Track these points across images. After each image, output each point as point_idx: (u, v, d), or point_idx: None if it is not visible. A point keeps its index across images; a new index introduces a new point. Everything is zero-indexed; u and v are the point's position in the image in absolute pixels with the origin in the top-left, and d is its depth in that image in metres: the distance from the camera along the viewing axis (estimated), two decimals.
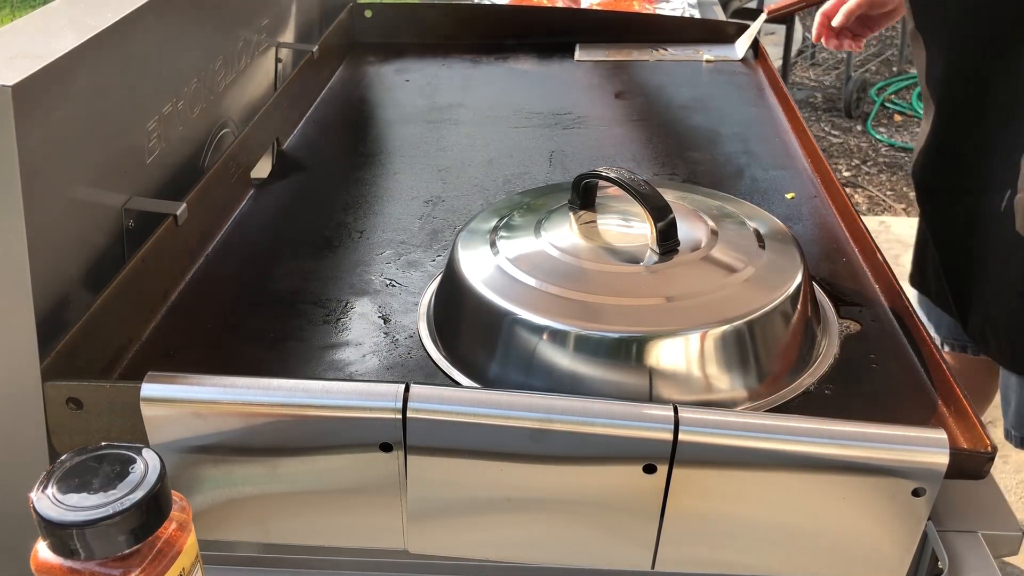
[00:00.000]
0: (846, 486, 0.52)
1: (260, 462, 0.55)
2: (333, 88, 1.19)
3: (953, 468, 0.51)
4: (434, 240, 0.81)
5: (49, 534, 0.42)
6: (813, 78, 3.85)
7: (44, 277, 0.57)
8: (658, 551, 0.55)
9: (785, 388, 0.61)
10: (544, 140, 1.03)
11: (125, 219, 0.69)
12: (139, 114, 0.71)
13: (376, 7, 1.34)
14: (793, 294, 0.62)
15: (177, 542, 0.45)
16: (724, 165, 0.95)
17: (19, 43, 0.59)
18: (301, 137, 1.04)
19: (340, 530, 0.58)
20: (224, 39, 0.89)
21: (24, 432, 0.57)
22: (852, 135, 3.32)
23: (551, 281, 0.61)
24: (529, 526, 0.56)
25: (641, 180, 0.65)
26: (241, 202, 0.87)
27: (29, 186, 0.54)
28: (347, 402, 0.53)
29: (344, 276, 0.76)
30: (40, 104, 0.55)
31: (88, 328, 0.60)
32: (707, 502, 0.53)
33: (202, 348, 0.67)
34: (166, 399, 0.54)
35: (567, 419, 0.52)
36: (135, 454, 0.45)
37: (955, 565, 0.53)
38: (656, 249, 0.64)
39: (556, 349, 0.58)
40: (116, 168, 0.68)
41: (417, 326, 0.68)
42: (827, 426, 0.52)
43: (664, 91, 1.18)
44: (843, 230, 0.82)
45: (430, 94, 1.17)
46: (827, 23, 1.15)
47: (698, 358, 0.58)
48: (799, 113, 1.03)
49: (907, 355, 0.65)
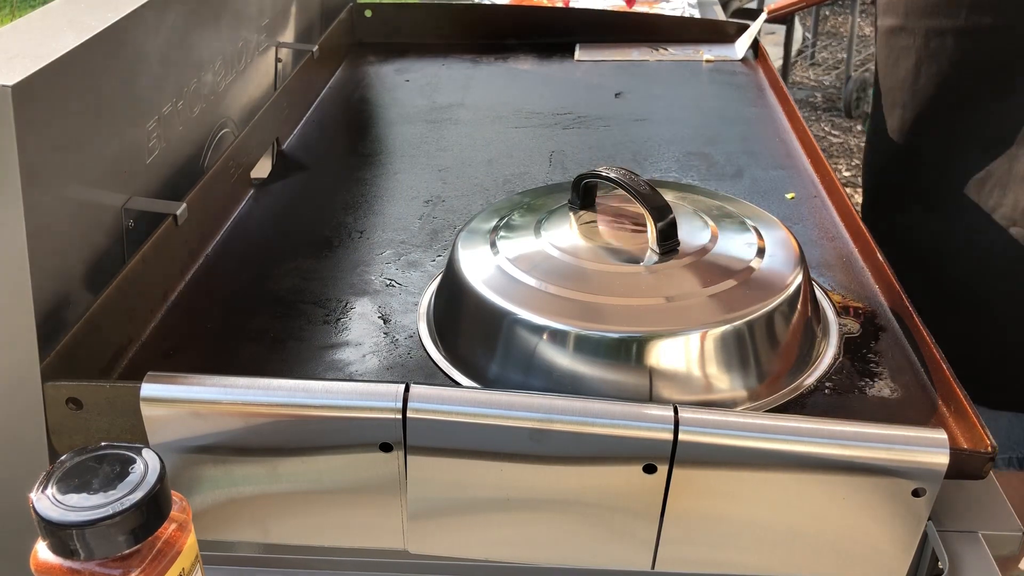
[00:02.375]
0: (846, 486, 0.52)
1: (260, 462, 0.55)
2: (333, 88, 1.19)
3: (953, 468, 0.51)
4: (434, 240, 0.81)
5: (49, 534, 0.42)
6: (813, 78, 3.85)
7: (44, 277, 0.57)
8: (658, 551, 0.55)
9: (785, 388, 0.61)
10: (544, 140, 1.03)
11: (125, 219, 0.69)
12: (139, 114, 0.71)
13: (376, 7, 1.34)
14: (793, 294, 0.62)
15: (177, 542, 0.45)
16: (724, 165, 0.95)
17: (19, 43, 0.59)
18: (301, 137, 1.04)
19: (340, 530, 0.58)
20: (224, 39, 0.89)
21: (24, 432, 0.57)
22: (852, 135, 3.32)
23: (551, 281, 0.61)
24: (529, 526, 0.56)
25: (641, 180, 0.65)
26: (241, 202, 0.87)
27: (29, 186, 0.54)
28: (347, 402, 0.53)
29: (344, 276, 0.76)
30: (40, 104, 0.55)
31: (88, 328, 0.60)
32: (707, 502, 0.54)
33: (202, 348, 0.67)
34: (166, 399, 0.54)
35: (567, 419, 0.52)
36: (135, 454, 0.45)
37: (955, 565, 0.53)
38: (656, 249, 0.64)
39: (556, 349, 0.58)
40: (116, 168, 0.68)
41: (417, 326, 0.68)
42: (827, 426, 0.52)
43: (664, 91, 1.17)
44: (843, 230, 0.82)
45: (430, 94, 1.17)
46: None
47: (698, 358, 0.58)
48: (799, 113, 1.03)
49: (907, 355, 0.65)
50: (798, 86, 3.72)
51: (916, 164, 0.97)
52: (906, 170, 0.99)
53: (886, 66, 0.97)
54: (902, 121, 0.96)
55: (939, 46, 0.89)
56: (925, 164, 0.96)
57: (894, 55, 0.95)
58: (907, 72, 0.93)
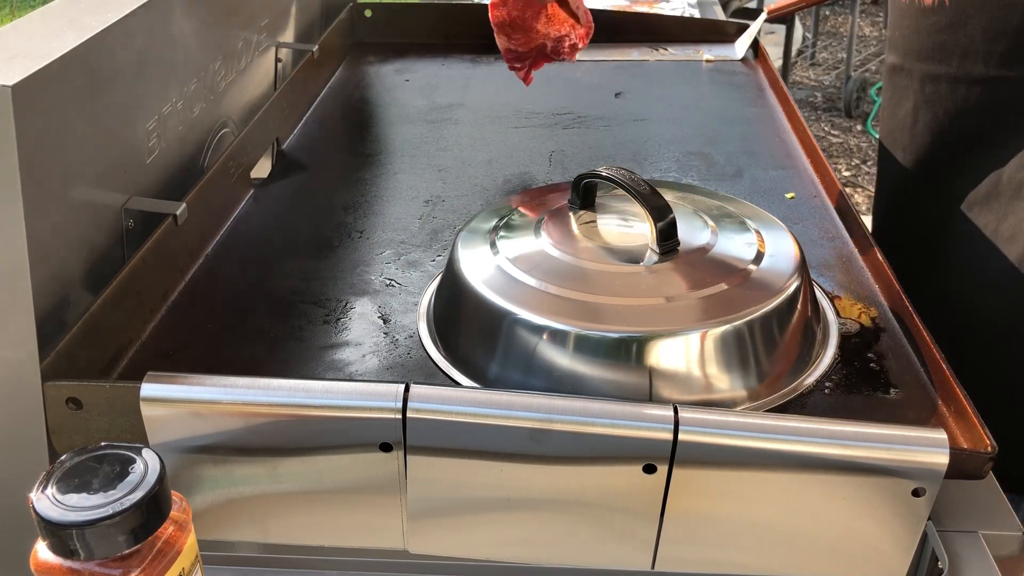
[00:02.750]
0: (846, 486, 0.52)
1: (260, 462, 0.55)
2: (333, 88, 1.19)
3: (953, 468, 0.51)
4: (434, 240, 0.81)
5: (49, 534, 0.42)
6: (813, 78, 3.85)
7: (44, 277, 0.57)
8: (658, 551, 0.55)
9: (785, 388, 0.61)
10: (544, 140, 1.03)
11: (125, 219, 0.69)
12: (139, 114, 0.71)
13: (376, 7, 1.34)
14: (793, 294, 0.62)
15: (177, 542, 0.45)
16: (724, 165, 0.95)
17: (19, 43, 0.59)
18: (301, 137, 1.04)
19: (340, 530, 0.58)
20: (224, 39, 0.90)
21: (24, 432, 0.57)
22: (852, 135, 3.32)
23: (551, 281, 0.61)
24: (529, 526, 0.56)
25: (641, 180, 0.65)
26: (241, 202, 0.87)
27: (29, 186, 0.54)
28: (347, 402, 0.53)
29: (344, 276, 0.76)
30: (40, 104, 0.55)
31: (88, 328, 0.60)
32: (707, 502, 0.54)
33: (202, 348, 0.67)
34: (166, 399, 0.54)
35: (567, 419, 0.52)
36: (135, 454, 0.45)
37: (955, 565, 0.53)
38: (656, 249, 0.64)
39: (556, 349, 0.58)
40: (116, 168, 0.68)
41: (417, 326, 0.68)
42: (827, 426, 0.52)
43: (664, 91, 1.17)
44: (843, 230, 0.82)
45: (430, 94, 1.17)
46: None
47: (698, 358, 0.58)
48: (799, 113, 1.03)
49: (907, 355, 0.65)
50: (798, 86, 3.73)
51: (915, 211, 0.96)
52: (905, 217, 0.98)
53: (889, 104, 0.97)
54: (903, 163, 0.95)
55: (934, 92, 0.88)
56: (922, 214, 0.94)
57: (896, 94, 0.94)
58: (907, 114, 0.92)
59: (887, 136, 0.98)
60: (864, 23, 3.70)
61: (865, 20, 3.76)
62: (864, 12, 3.51)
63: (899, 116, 0.94)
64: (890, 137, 0.97)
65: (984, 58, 0.81)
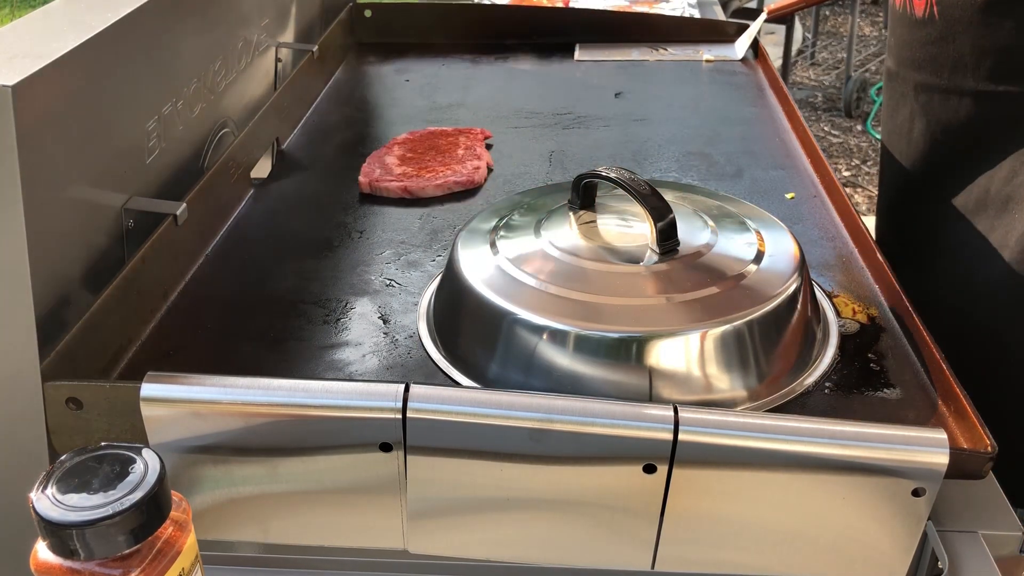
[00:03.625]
0: (846, 486, 0.52)
1: (260, 462, 0.55)
2: (333, 88, 1.19)
3: (953, 468, 0.51)
4: (434, 240, 0.81)
5: (49, 534, 0.42)
6: (813, 78, 3.85)
7: (44, 277, 0.57)
8: (658, 551, 0.55)
9: (785, 388, 0.61)
10: (544, 140, 1.03)
11: (125, 219, 0.69)
12: (139, 114, 0.71)
13: (376, 7, 1.34)
14: (793, 294, 0.62)
15: (177, 542, 0.45)
16: (724, 165, 0.95)
17: (19, 43, 0.59)
18: (301, 137, 1.04)
19: (340, 530, 0.58)
20: (224, 39, 0.89)
21: (24, 432, 0.57)
22: (852, 135, 3.32)
23: (551, 281, 0.61)
24: (529, 526, 0.56)
25: (641, 180, 0.65)
26: (241, 202, 0.87)
27: (29, 186, 0.54)
28: (347, 402, 0.53)
29: (344, 276, 0.76)
30: (40, 104, 0.55)
31: (88, 328, 0.60)
32: (707, 502, 0.53)
33: (202, 348, 0.67)
34: (166, 399, 0.54)
35: (567, 419, 0.52)
36: (135, 454, 0.45)
37: (955, 565, 0.53)
38: (656, 249, 0.64)
39: (556, 349, 0.58)
40: (116, 168, 0.68)
41: (417, 326, 0.68)
42: (827, 426, 0.52)
43: (664, 91, 1.17)
44: (843, 230, 0.82)
45: (430, 94, 1.17)
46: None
47: (698, 358, 0.58)
48: (799, 113, 1.03)
49: (907, 355, 0.65)
50: (798, 86, 3.73)
51: (912, 215, 0.96)
52: (904, 219, 0.98)
53: (888, 108, 0.97)
54: (901, 170, 0.95)
55: (928, 101, 0.88)
56: (919, 218, 0.94)
57: (894, 100, 0.94)
58: (904, 120, 0.92)
59: (887, 138, 0.98)
60: (864, 23, 3.70)
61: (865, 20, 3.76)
62: (864, 12, 3.51)
63: (897, 121, 0.94)
64: (889, 140, 0.97)
65: (973, 73, 0.81)
